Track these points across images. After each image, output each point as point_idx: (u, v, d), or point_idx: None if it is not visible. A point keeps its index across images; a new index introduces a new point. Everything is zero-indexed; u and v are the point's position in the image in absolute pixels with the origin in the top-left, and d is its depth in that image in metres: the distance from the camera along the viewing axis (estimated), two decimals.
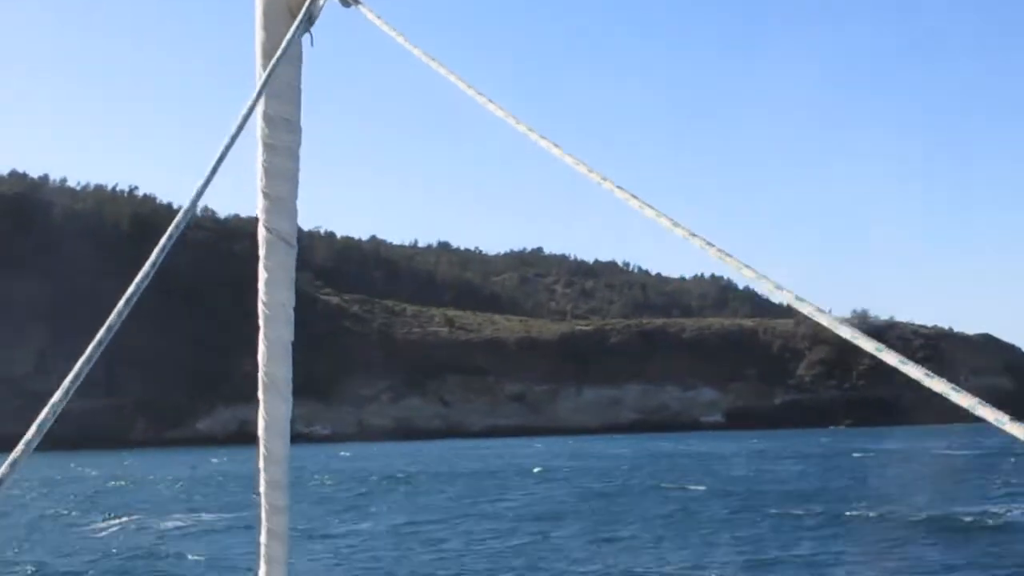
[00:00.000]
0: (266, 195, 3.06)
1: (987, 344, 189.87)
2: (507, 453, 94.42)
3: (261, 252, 3.09)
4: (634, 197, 2.38)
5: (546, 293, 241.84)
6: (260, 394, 3.13)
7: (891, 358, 2.10)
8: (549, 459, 79.58)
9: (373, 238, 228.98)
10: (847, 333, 2.12)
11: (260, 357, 3.11)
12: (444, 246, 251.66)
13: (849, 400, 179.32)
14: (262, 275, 3.08)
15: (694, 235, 2.30)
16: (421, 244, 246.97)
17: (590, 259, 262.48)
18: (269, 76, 2.84)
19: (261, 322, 3.09)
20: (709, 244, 2.29)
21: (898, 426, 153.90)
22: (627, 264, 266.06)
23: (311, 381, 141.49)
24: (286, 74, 3.01)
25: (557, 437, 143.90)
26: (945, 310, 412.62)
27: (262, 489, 3.14)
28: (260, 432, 3.15)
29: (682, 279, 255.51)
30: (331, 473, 67.24)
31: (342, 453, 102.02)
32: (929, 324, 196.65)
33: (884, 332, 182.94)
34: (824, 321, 2.18)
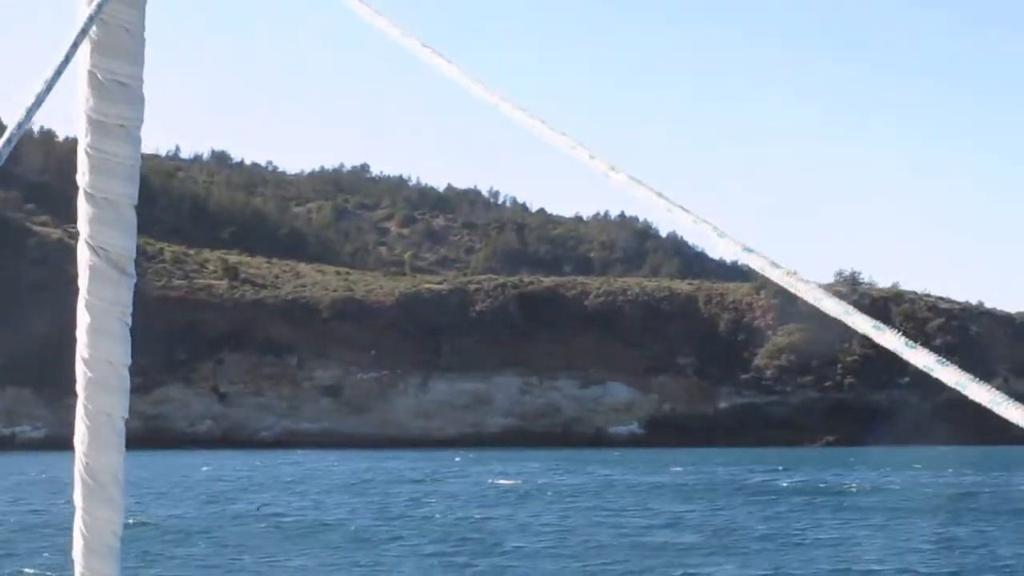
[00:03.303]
0: (90, 197, 3.25)
1: None
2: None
3: (82, 281, 3.27)
4: (507, 102, 2.65)
5: (375, 233, 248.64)
6: (77, 494, 3.26)
7: (892, 341, 2.27)
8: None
9: None
10: (833, 308, 2.28)
11: (77, 440, 3.26)
12: (221, 159, 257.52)
13: (832, 407, 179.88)
14: (82, 317, 3.24)
15: (612, 169, 2.55)
16: (185, 155, 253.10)
17: (440, 185, 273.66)
18: None
19: (80, 389, 3.28)
20: (635, 180, 2.51)
21: (904, 446, 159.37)
22: (495, 194, 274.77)
23: (17, 359, 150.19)
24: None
25: (389, 451, 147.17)
26: (975, 283, 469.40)
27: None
28: (76, 550, 3.24)
29: (578, 219, 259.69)
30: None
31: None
32: (952, 298, 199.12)
33: (883, 306, 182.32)
34: (793, 286, 2.33)
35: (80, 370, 3.16)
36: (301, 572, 39.88)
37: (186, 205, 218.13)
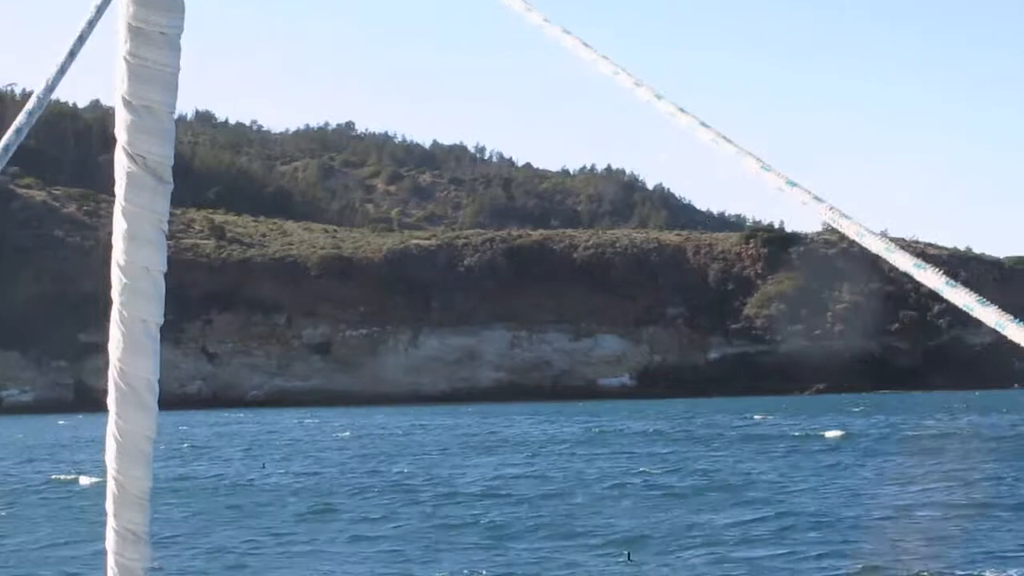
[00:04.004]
0: (128, 104, 3.22)
1: None
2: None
3: (119, 188, 3.26)
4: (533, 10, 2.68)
5: (361, 191, 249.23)
6: (111, 399, 3.31)
7: (934, 279, 2.34)
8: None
9: (97, 104, 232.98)
10: (875, 244, 2.35)
11: (112, 347, 3.29)
12: (206, 119, 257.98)
13: (823, 355, 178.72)
14: (119, 224, 3.24)
15: (639, 84, 2.62)
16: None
17: (426, 142, 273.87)
18: None
19: (116, 295, 3.26)
20: (680, 112, 2.59)
21: (897, 391, 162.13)
22: (481, 150, 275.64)
23: (4, 322, 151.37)
24: None
25: (380, 408, 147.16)
26: (963, 230, 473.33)
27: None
28: (110, 454, 3.30)
29: (565, 173, 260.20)
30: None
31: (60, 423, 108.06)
32: (941, 243, 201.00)
33: (869, 253, 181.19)
34: (836, 221, 2.39)
35: (116, 276, 3.19)
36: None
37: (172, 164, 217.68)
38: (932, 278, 2.34)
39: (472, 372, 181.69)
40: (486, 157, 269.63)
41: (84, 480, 53.87)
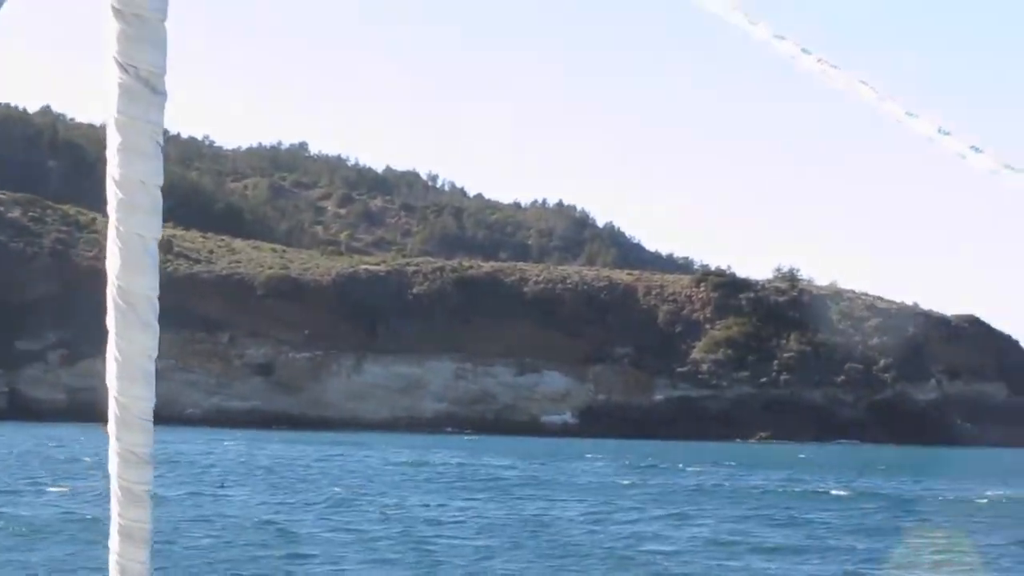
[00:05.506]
0: (118, 13, 3.05)
1: (974, 333, 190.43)
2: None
3: (112, 101, 3.01)
4: None
5: (311, 212, 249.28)
6: (111, 318, 3.04)
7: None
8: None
9: (47, 109, 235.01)
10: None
11: (110, 264, 3.02)
12: None
13: (767, 403, 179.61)
14: (112, 137, 3.01)
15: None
16: None
17: (379, 166, 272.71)
18: None
19: (112, 210, 3.00)
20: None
21: (839, 441, 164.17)
22: (434, 178, 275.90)
23: None
24: None
25: (320, 432, 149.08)
26: (910, 285, 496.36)
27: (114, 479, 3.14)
28: (111, 375, 3.09)
29: (516, 206, 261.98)
30: None
31: None
32: (889, 297, 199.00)
33: (821, 303, 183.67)
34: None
35: (111, 191, 3.00)
36: None
37: None
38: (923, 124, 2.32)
39: (415, 402, 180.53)
40: (438, 185, 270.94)
41: None
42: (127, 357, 3.06)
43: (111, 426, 3.08)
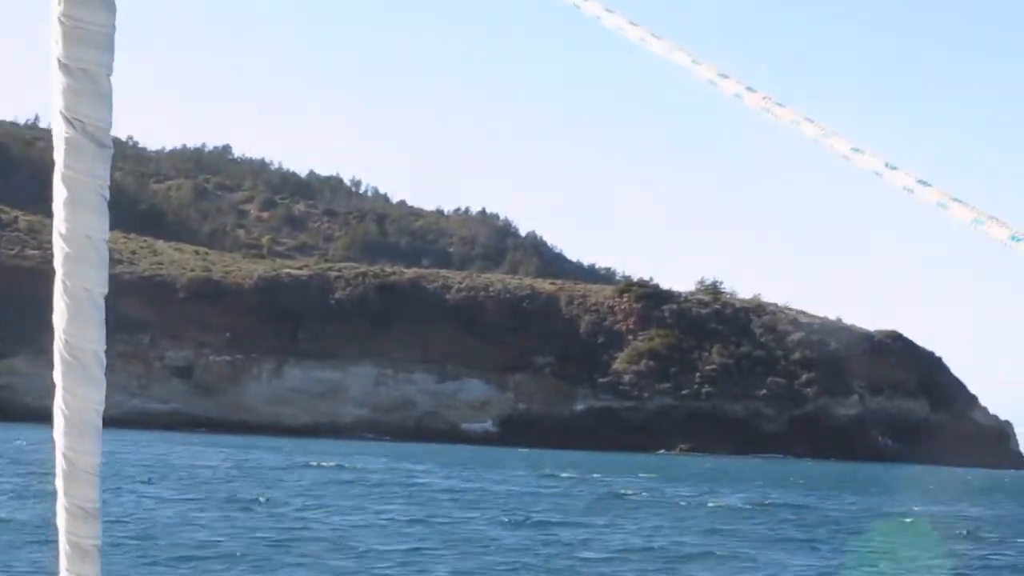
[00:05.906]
0: (64, 67, 3.08)
1: (897, 348, 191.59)
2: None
3: (58, 155, 3.08)
4: None
5: (234, 215, 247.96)
6: (58, 372, 3.12)
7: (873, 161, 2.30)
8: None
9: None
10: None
11: (57, 318, 3.08)
12: None
13: (689, 415, 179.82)
14: (59, 192, 3.08)
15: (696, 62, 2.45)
16: (45, 124, 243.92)
17: (302, 171, 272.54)
18: None
19: (58, 264, 3.08)
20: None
21: (755, 455, 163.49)
22: (357, 183, 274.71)
23: None
24: None
25: (238, 436, 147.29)
26: (833, 300, 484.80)
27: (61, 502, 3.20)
28: (58, 430, 3.13)
29: (439, 213, 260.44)
30: None
31: None
32: (812, 312, 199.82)
33: (744, 317, 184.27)
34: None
35: (58, 245, 3.06)
36: None
37: (44, 174, 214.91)
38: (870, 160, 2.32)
39: (335, 407, 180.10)
40: (362, 191, 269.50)
41: None
42: (74, 411, 3.06)
43: (58, 481, 3.10)
